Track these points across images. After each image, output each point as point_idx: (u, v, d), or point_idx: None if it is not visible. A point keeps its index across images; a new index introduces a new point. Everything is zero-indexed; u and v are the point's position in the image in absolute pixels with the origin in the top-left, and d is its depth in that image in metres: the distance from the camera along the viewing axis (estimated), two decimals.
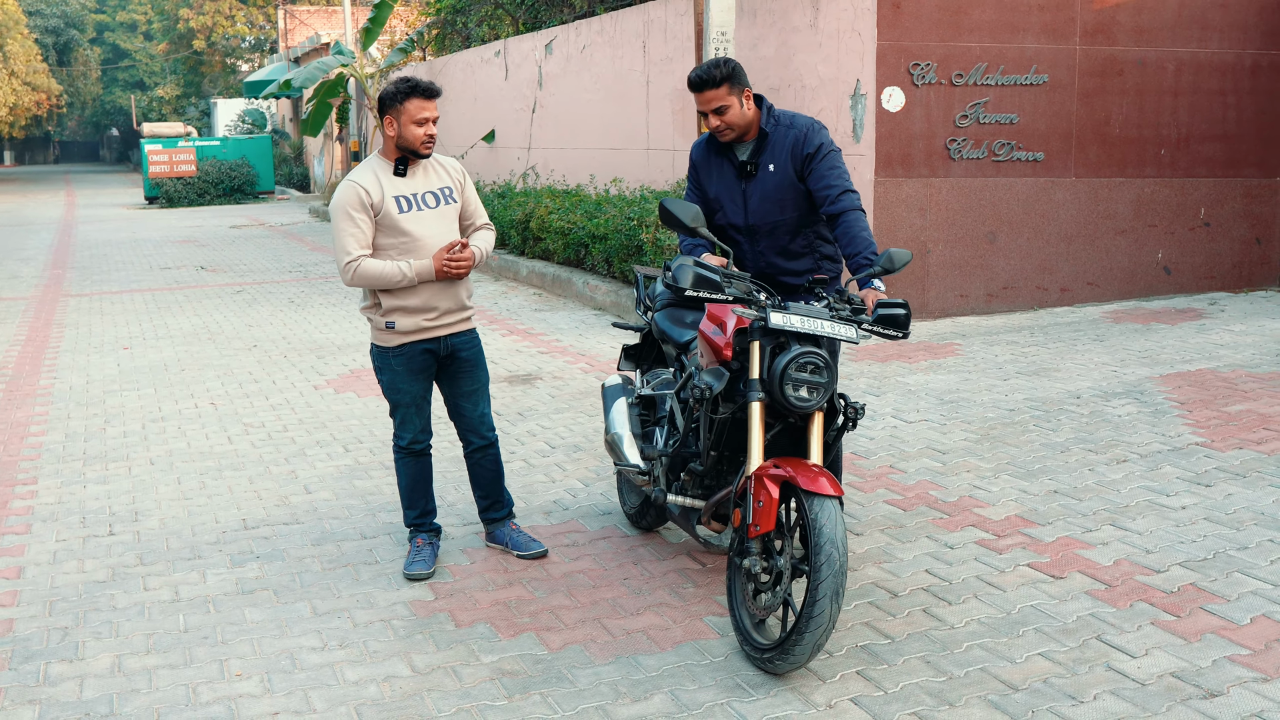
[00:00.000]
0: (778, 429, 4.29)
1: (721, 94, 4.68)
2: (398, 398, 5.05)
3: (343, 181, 4.83)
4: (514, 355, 9.72)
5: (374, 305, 4.94)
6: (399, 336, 4.93)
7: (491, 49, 19.63)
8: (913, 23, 10.13)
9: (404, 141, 4.80)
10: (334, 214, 4.81)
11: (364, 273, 4.78)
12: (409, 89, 4.73)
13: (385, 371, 5.03)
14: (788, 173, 4.77)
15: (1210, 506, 5.47)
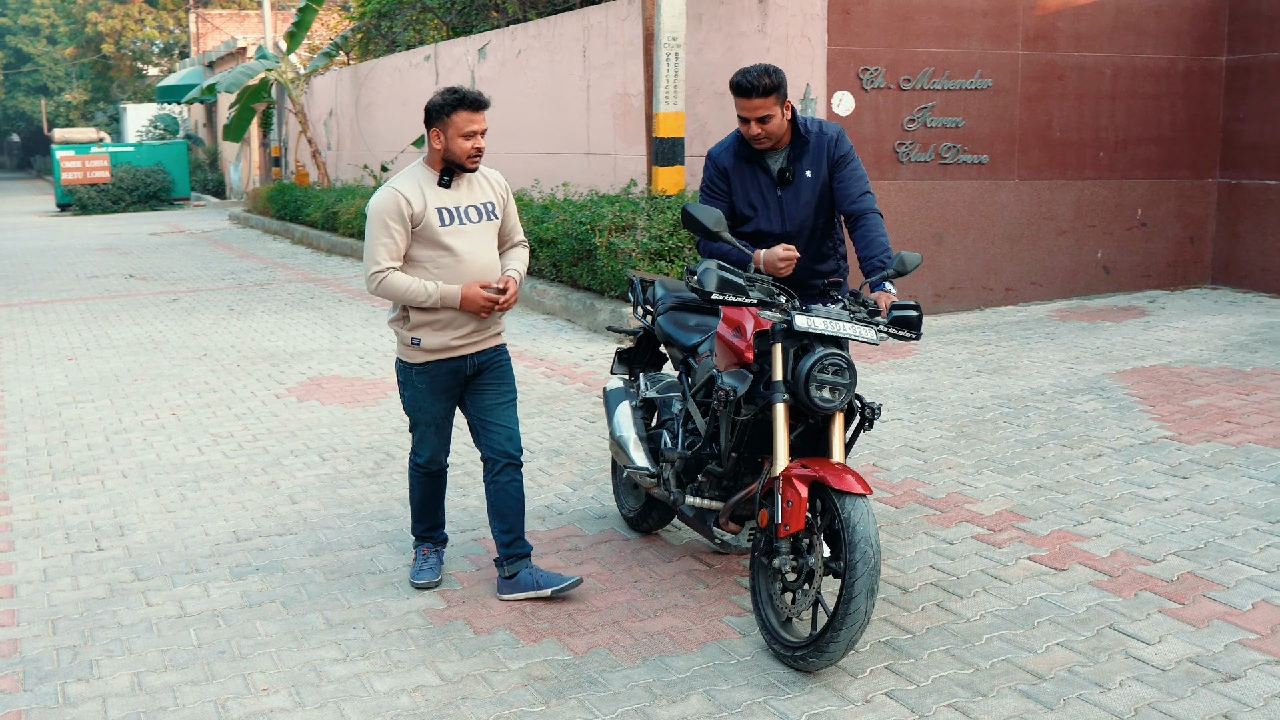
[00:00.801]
0: (800, 430, 4.35)
1: (769, 103, 4.67)
2: (418, 415, 4.88)
3: (384, 186, 4.64)
4: None
5: (401, 318, 4.76)
6: (424, 354, 4.73)
7: (421, 53, 19.51)
8: (862, 28, 10.29)
9: (450, 155, 4.59)
10: (370, 219, 4.62)
11: (390, 286, 4.60)
12: (456, 101, 4.53)
13: (408, 387, 4.86)
14: (822, 177, 4.86)
15: (1191, 497, 5.65)
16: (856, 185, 4.84)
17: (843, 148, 4.86)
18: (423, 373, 4.78)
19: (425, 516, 5.11)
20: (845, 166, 4.85)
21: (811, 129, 4.86)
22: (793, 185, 4.85)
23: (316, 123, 25.31)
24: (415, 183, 4.63)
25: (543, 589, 4.78)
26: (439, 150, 4.61)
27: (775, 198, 4.88)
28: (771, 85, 4.65)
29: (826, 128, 4.88)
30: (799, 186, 4.85)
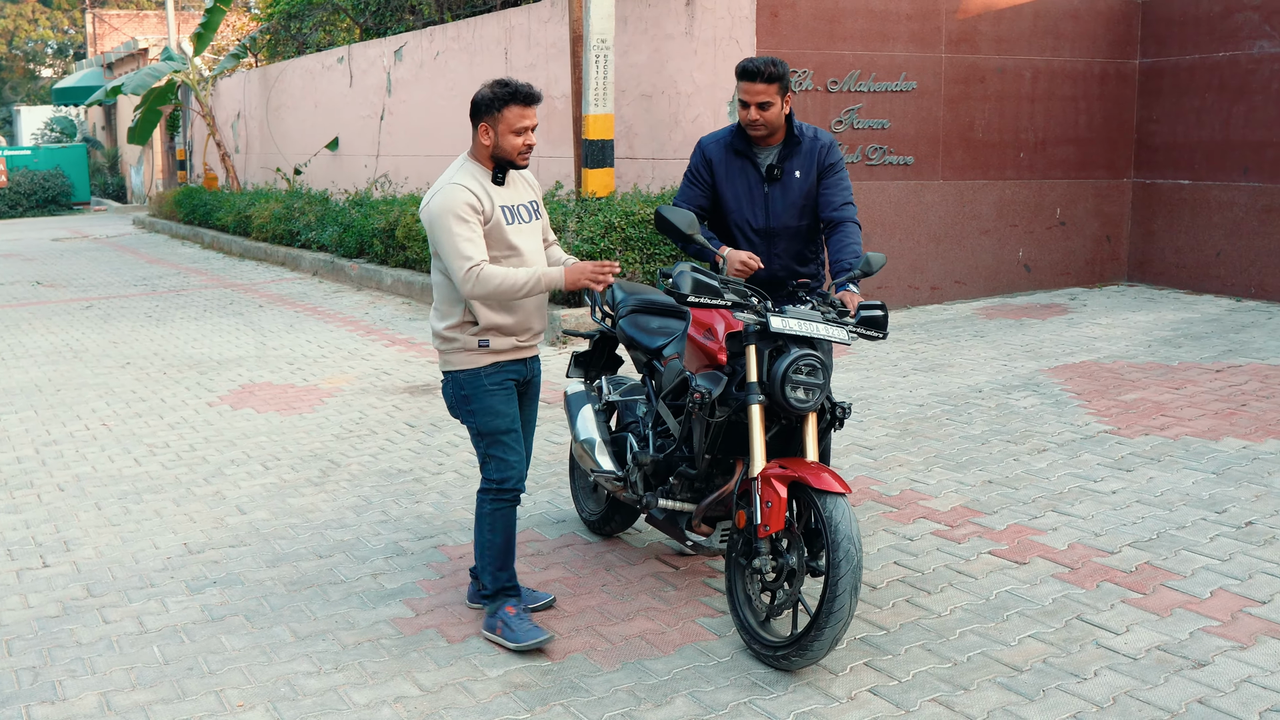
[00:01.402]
0: (774, 430, 4.37)
1: (771, 91, 4.74)
2: (498, 422, 4.43)
3: (444, 186, 4.29)
4: (405, 366, 9.57)
5: (465, 323, 4.37)
6: (492, 355, 4.42)
7: (334, 55, 19.25)
8: (790, 31, 10.38)
9: (500, 152, 4.32)
10: (441, 217, 4.23)
11: (488, 278, 4.20)
12: (508, 94, 4.25)
13: (479, 396, 4.42)
14: (810, 181, 4.91)
15: (1138, 490, 5.79)
16: (840, 194, 4.91)
17: (833, 156, 4.94)
18: (495, 372, 4.44)
19: (508, 561, 4.53)
20: (833, 174, 4.92)
21: (806, 133, 4.93)
22: (780, 183, 4.90)
23: (224, 125, 24.85)
24: (474, 179, 4.33)
25: None
26: (488, 147, 4.33)
27: (762, 193, 4.92)
28: (775, 74, 4.73)
29: (820, 135, 4.97)
30: (786, 185, 4.90)
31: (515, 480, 4.47)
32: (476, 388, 4.44)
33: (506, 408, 4.46)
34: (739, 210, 4.94)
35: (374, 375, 9.24)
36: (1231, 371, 7.99)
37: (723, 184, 4.97)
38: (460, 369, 4.44)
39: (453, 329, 4.41)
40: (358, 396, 8.53)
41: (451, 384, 4.49)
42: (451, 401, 4.53)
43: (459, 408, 4.50)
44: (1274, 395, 7.34)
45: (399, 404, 8.26)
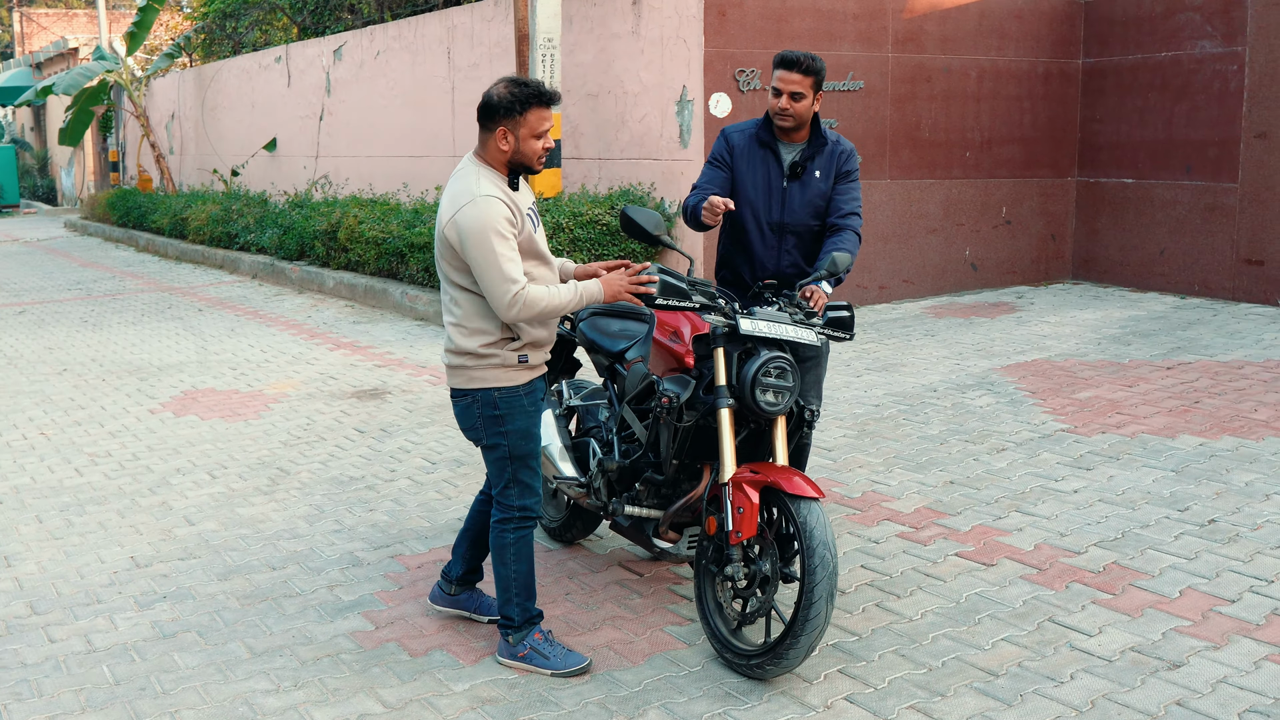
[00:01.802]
0: (743, 434, 4.29)
1: (806, 84, 4.74)
2: (531, 445, 4.18)
3: (475, 198, 3.94)
4: (352, 370, 9.40)
5: (504, 339, 4.09)
6: (529, 371, 4.17)
7: (271, 54, 18.95)
8: (738, 30, 10.33)
9: (520, 157, 4.03)
10: (480, 235, 3.89)
11: (535, 301, 3.93)
12: (530, 95, 3.97)
13: (516, 417, 4.13)
14: (829, 183, 4.91)
15: (1100, 489, 5.78)
16: (848, 203, 4.94)
17: (852, 164, 4.96)
18: (531, 390, 4.19)
19: (534, 589, 4.29)
20: (847, 181, 4.95)
21: (830, 137, 4.94)
22: (800, 181, 4.88)
23: (158, 126, 24.39)
24: (498, 188, 4.01)
25: (480, 614, 4.59)
26: (506, 152, 4.02)
27: (781, 188, 4.89)
28: (813, 68, 4.75)
29: (843, 141, 4.98)
30: (806, 184, 4.88)
31: (538, 505, 4.28)
32: (514, 407, 4.14)
33: (537, 429, 4.23)
34: (755, 201, 4.89)
35: (320, 380, 9.06)
36: (1182, 369, 8.04)
37: (742, 173, 4.91)
38: (494, 386, 4.10)
39: (490, 345, 4.08)
40: (304, 402, 8.35)
41: (480, 403, 4.13)
42: (476, 422, 4.16)
43: (487, 429, 4.15)
44: (1225, 392, 7.39)
45: (347, 409, 8.10)
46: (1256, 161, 10.23)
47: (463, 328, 4.10)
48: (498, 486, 4.23)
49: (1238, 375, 7.81)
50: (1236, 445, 6.34)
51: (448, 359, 4.18)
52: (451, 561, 4.61)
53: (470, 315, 4.08)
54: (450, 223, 3.98)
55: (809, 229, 4.93)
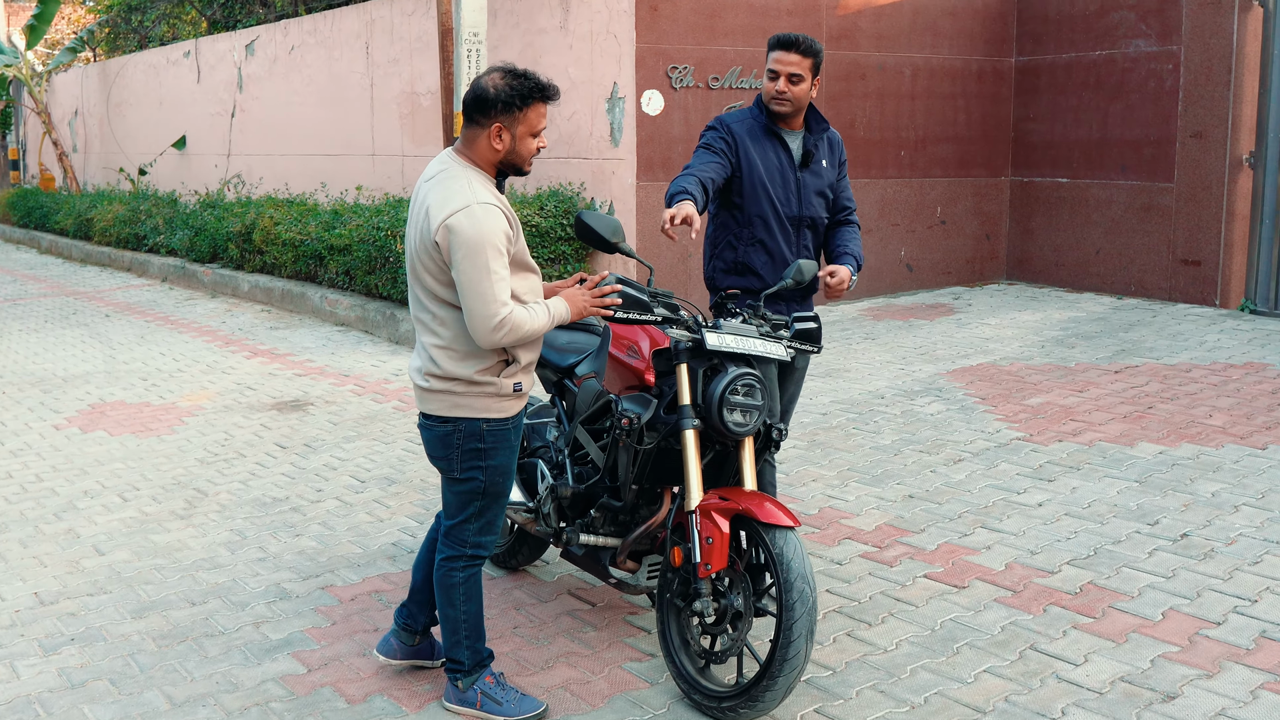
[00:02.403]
0: (710, 457, 3.98)
1: (805, 65, 4.44)
2: (508, 483, 3.80)
3: (470, 205, 3.49)
4: (271, 379, 8.95)
5: (500, 364, 3.67)
6: (520, 400, 3.77)
7: (180, 49, 18.28)
8: (670, 25, 10.04)
9: (514, 158, 3.65)
10: (477, 247, 3.47)
11: (520, 325, 3.54)
12: (533, 89, 3.57)
13: (500, 451, 3.74)
14: (833, 172, 4.66)
15: (1065, 502, 5.57)
16: (848, 194, 4.74)
17: (844, 153, 4.76)
18: (519, 423, 3.80)
19: (483, 629, 3.91)
20: (843, 171, 4.73)
21: (824, 120, 4.67)
22: (811, 170, 4.58)
23: (61, 123, 23.49)
24: (491, 192, 3.60)
25: (435, 660, 4.18)
26: (499, 151, 3.62)
27: (794, 177, 4.56)
28: (812, 49, 4.46)
29: (831, 129, 4.72)
30: (816, 173, 4.60)
31: (494, 543, 3.90)
32: (501, 441, 3.73)
33: (515, 464, 3.85)
34: (771, 193, 4.52)
35: (237, 390, 8.60)
36: (1130, 373, 7.90)
37: (752, 164, 4.52)
38: (483, 416, 3.68)
39: (486, 372, 3.65)
40: (221, 415, 7.89)
41: (463, 434, 3.69)
42: (452, 453, 3.72)
43: (464, 461, 3.71)
44: (1177, 397, 7.25)
45: (267, 422, 7.66)
46: (1192, 161, 10.17)
47: (452, 351, 3.63)
48: (455, 518, 3.82)
49: (1186, 379, 7.68)
50: (1197, 453, 6.18)
51: (427, 383, 3.70)
52: (411, 611, 4.13)
53: (461, 337, 3.63)
54: (443, 228, 3.49)
55: (819, 221, 4.65)
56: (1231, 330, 9.12)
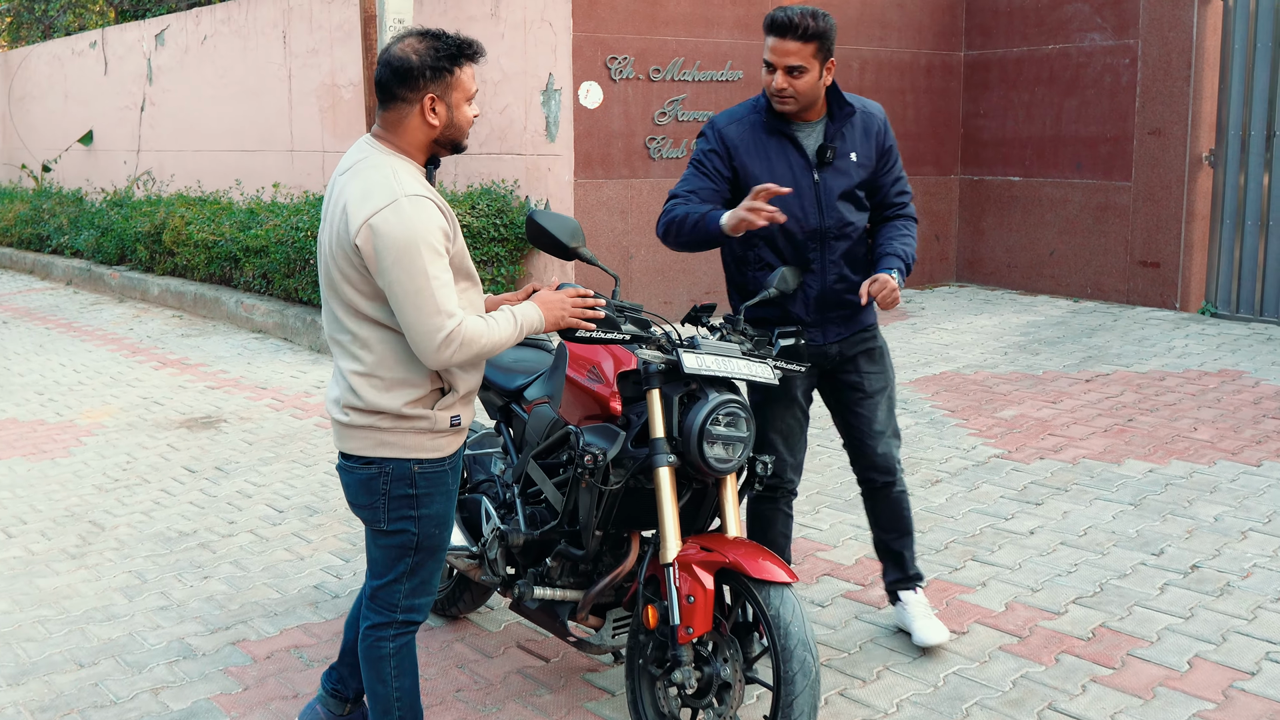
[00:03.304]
0: (687, 497, 3.43)
1: (805, 52, 3.61)
2: (444, 538, 3.19)
3: (400, 196, 2.90)
4: (180, 393, 8.24)
5: (434, 394, 3.07)
6: (458, 437, 3.16)
7: (86, 39, 17.35)
8: (609, 14, 9.47)
9: (454, 130, 3.05)
10: (410, 248, 2.87)
11: (472, 338, 2.93)
12: (460, 47, 3.00)
13: (435, 499, 3.13)
14: (870, 165, 3.86)
15: (1058, 529, 5.09)
16: (899, 183, 3.97)
17: (891, 138, 3.94)
18: (455, 468, 3.18)
19: (419, 704, 3.29)
20: (891, 158, 3.93)
21: (856, 105, 3.84)
22: (832, 168, 3.79)
23: None
24: (421, 184, 3.00)
25: None
26: (435, 128, 3.02)
27: (810, 181, 3.78)
28: (814, 31, 3.59)
29: (871, 107, 3.90)
30: (841, 171, 3.80)
31: (429, 607, 3.27)
32: (436, 486, 3.11)
33: (453, 512, 3.23)
34: (783, 205, 3.68)
35: (143, 406, 7.88)
36: (1102, 381, 7.47)
37: (753, 174, 3.76)
38: (414, 456, 3.07)
39: (417, 404, 3.04)
40: (124, 434, 7.19)
41: (391, 477, 3.08)
42: (378, 500, 3.11)
43: (392, 510, 3.10)
44: (1157, 408, 6.83)
45: (175, 442, 6.98)
46: (1150, 159, 9.81)
47: (376, 379, 3.02)
48: (383, 578, 3.18)
49: (1161, 388, 7.28)
50: (1189, 471, 5.75)
51: (346, 417, 3.07)
52: (341, 675, 3.52)
53: (387, 362, 3.02)
54: (365, 228, 2.88)
55: (853, 229, 3.85)
56: (1197, 335, 8.76)
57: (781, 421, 3.97)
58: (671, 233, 3.77)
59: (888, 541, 4.14)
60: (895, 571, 4.16)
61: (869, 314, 3.97)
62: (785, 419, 3.97)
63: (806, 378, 3.94)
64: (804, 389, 3.98)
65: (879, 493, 4.10)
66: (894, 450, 4.05)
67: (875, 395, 4.00)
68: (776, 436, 3.99)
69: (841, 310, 3.88)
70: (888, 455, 4.04)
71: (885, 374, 4.03)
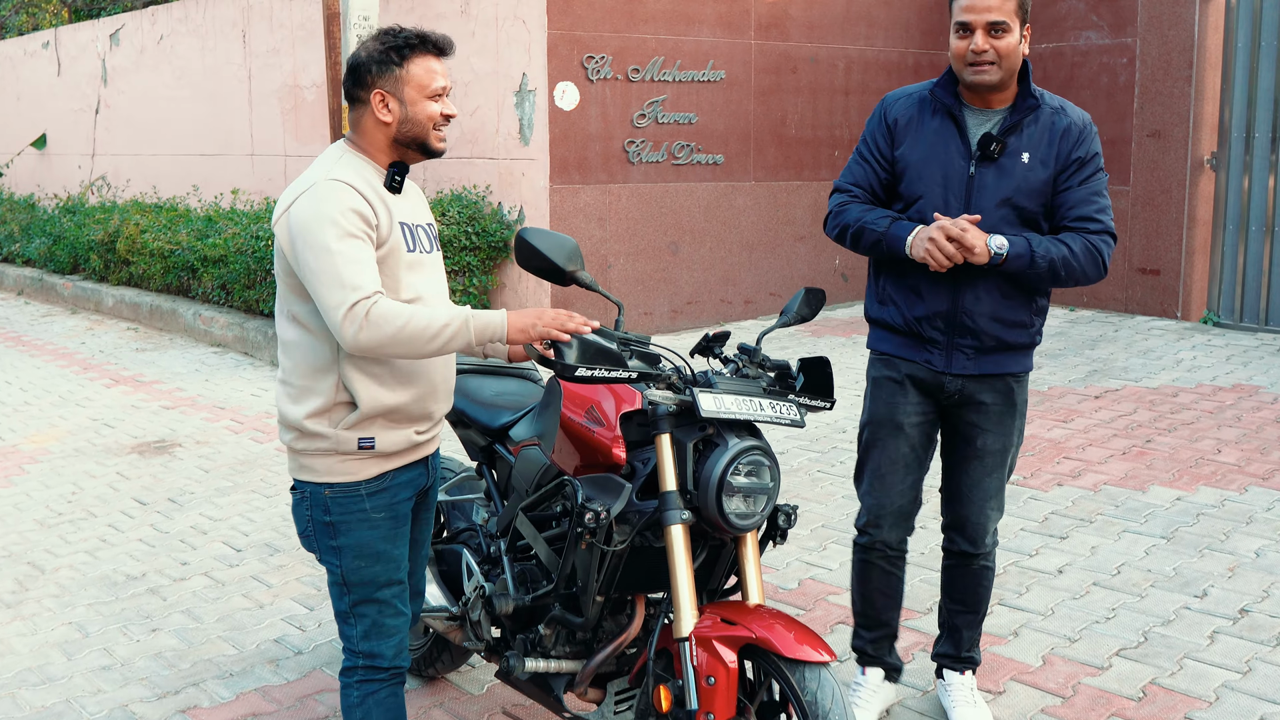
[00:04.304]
0: (702, 558, 2.99)
1: (1007, 7, 3.09)
2: (376, 571, 2.90)
3: (316, 183, 2.75)
4: (133, 413, 7.73)
5: (336, 406, 2.83)
6: (379, 462, 2.88)
7: (38, 39, 16.74)
8: (585, 11, 9.02)
9: (411, 128, 2.82)
10: (314, 227, 2.68)
11: (385, 318, 2.64)
12: (410, 40, 2.80)
13: (353, 528, 2.87)
14: (1046, 173, 3.21)
15: (1087, 567, 4.68)
16: (1088, 202, 3.21)
17: (1088, 148, 3.24)
18: (379, 493, 2.89)
19: None
20: (1080, 171, 3.22)
21: (1049, 101, 3.26)
22: (997, 165, 3.20)
23: None
24: (362, 178, 2.80)
25: None
26: (389, 125, 2.82)
27: (965, 176, 3.22)
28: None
29: (1070, 108, 3.29)
30: (1005, 170, 3.20)
31: (395, 653, 2.95)
32: (352, 513, 2.85)
33: (392, 547, 2.91)
34: (927, 198, 3.24)
35: (92, 428, 7.37)
36: (1113, 398, 7.08)
37: (912, 160, 3.27)
38: (326, 480, 2.85)
39: (317, 417, 2.81)
40: (71, 460, 6.68)
41: (309, 502, 2.89)
42: (306, 528, 2.93)
43: (319, 538, 2.90)
44: (1175, 427, 6.44)
45: (125, 470, 6.48)
46: (1150, 162, 9.45)
47: (289, 386, 2.86)
48: (338, 619, 2.93)
49: (1176, 405, 6.89)
50: (1220, 499, 5.36)
51: (280, 433, 2.95)
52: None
53: (298, 367, 2.84)
54: (284, 218, 2.77)
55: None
56: (1204, 346, 8.40)
57: (881, 453, 3.44)
58: (847, 240, 3.36)
59: (952, 614, 3.58)
60: (949, 646, 3.61)
61: (1012, 360, 3.34)
62: (887, 450, 3.42)
63: (921, 405, 3.38)
64: (918, 419, 3.39)
65: (959, 562, 3.53)
66: (990, 522, 3.46)
67: (987, 457, 3.39)
68: (869, 472, 3.46)
69: (975, 341, 3.28)
70: (980, 526, 3.44)
71: (1008, 437, 3.38)
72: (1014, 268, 3.14)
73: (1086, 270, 3.21)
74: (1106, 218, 3.24)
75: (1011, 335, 3.29)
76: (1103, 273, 3.25)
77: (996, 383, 3.33)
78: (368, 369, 2.79)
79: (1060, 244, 3.17)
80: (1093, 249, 3.19)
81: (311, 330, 2.80)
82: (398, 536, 2.93)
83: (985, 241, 3.11)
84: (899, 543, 3.51)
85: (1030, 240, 3.15)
